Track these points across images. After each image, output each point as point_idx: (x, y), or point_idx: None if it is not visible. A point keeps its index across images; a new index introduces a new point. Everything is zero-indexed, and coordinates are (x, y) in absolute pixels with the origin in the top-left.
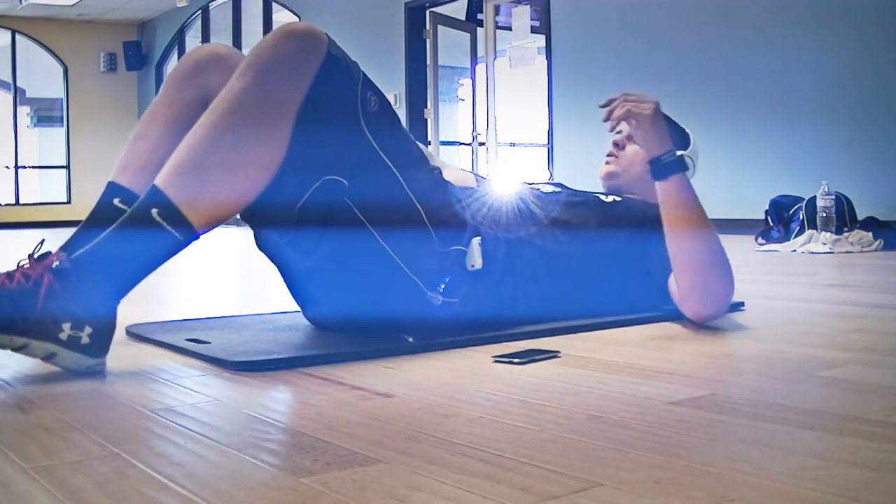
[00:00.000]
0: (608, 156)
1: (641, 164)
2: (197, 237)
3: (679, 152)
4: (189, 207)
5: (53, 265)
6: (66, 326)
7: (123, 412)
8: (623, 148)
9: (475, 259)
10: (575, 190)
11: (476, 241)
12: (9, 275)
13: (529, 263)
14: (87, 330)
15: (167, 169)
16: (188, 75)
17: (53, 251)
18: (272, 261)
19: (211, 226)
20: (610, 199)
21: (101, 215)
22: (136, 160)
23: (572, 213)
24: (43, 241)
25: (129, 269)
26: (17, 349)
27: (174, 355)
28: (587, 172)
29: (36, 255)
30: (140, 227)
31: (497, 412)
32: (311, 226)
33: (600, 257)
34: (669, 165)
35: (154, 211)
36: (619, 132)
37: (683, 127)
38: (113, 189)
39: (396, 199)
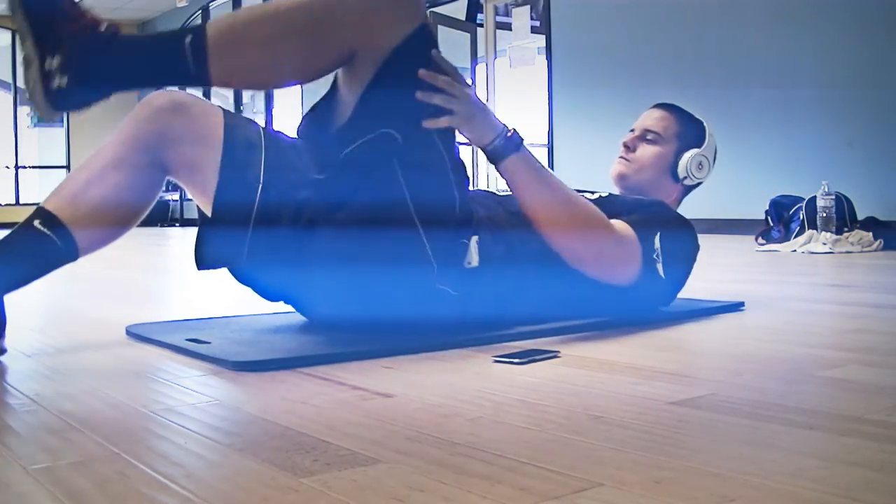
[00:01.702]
0: (620, 157)
1: (653, 167)
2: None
3: (692, 152)
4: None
5: None
6: None
7: (123, 412)
8: (634, 150)
9: (472, 256)
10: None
11: (474, 239)
12: None
13: (531, 262)
14: None
15: None
16: (147, 118)
17: None
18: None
19: None
20: (596, 195)
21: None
22: (68, 189)
23: None
24: None
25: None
26: None
27: (174, 355)
28: (587, 172)
29: None
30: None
31: (497, 412)
32: (353, 172)
33: None
34: (501, 148)
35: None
36: (632, 130)
37: (700, 119)
38: (36, 212)
39: (435, 171)
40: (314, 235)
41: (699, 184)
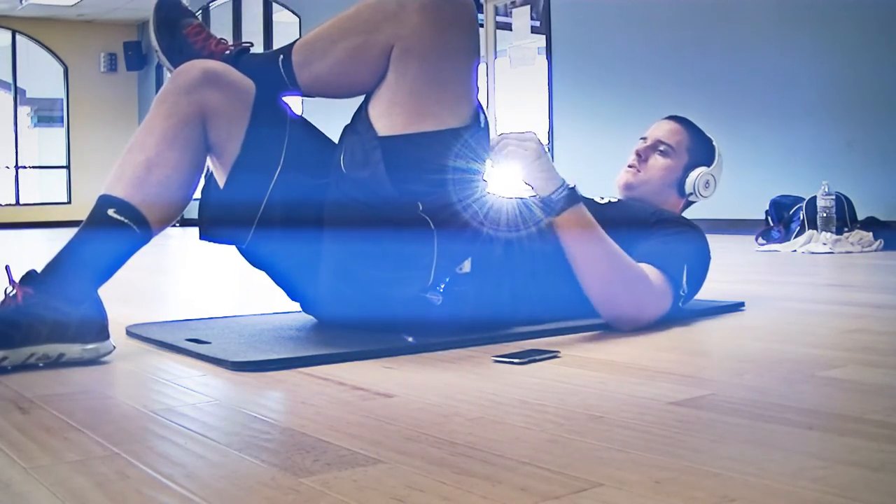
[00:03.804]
0: (629, 166)
1: (661, 179)
2: None
3: (701, 170)
4: None
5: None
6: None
7: (123, 412)
8: (646, 160)
9: (464, 263)
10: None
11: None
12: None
13: (529, 264)
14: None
15: None
16: (185, 91)
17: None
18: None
19: None
20: (605, 200)
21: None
22: (130, 172)
23: None
24: (7, 266)
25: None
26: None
27: (174, 355)
28: (588, 172)
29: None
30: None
31: (497, 412)
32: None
33: None
34: (560, 201)
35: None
36: (643, 138)
37: (710, 138)
38: (106, 200)
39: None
40: (321, 232)
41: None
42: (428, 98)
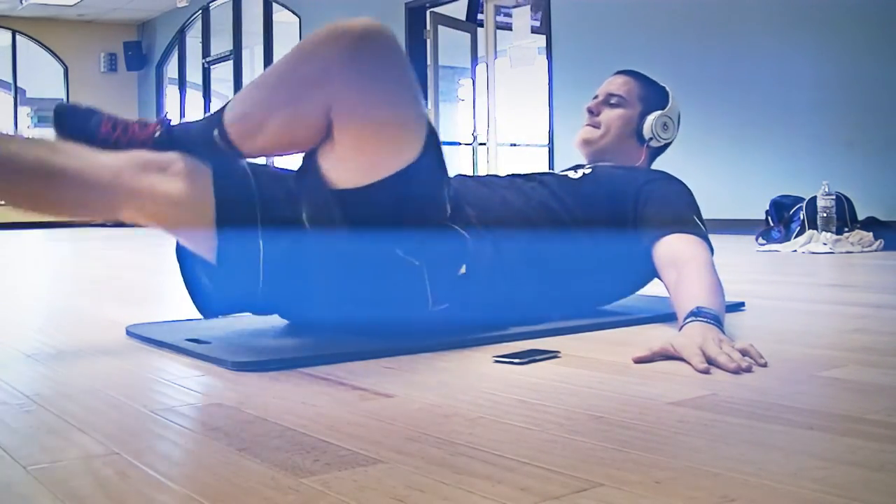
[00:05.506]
0: (585, 125)
1: (618, 129)
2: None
3: (656, 114)
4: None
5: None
6: None
7: (123, 412)
8: (598, 114)
9: (460, 267)
10: (549, 172)
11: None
12: None
13: (524, 263)
14: None
15: None
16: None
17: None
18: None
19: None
20: (579, 173)
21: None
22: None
23: (555, 200)
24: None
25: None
26: None
27: (174, 355)
28: None
29: None
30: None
31: (497, 412)
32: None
33: (589, 239)
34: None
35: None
36: (596, 97)
37: (663, 85)
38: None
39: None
40: (321, 271)
41: (665, 146)
42: (378, 145)
